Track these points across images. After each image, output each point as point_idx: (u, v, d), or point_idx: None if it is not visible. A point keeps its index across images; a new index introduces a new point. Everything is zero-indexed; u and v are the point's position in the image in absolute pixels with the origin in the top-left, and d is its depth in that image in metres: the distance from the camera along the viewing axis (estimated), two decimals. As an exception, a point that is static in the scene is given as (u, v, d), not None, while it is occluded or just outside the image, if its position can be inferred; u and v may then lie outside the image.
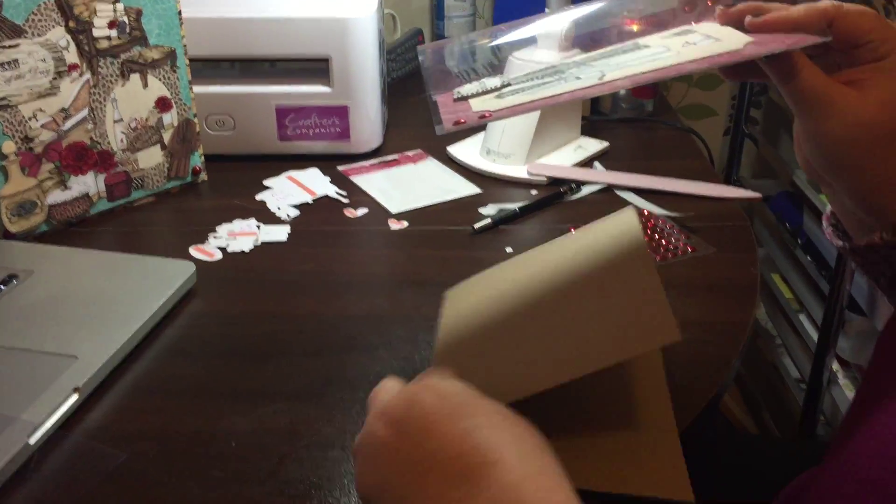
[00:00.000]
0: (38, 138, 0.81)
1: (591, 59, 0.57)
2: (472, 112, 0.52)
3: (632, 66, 0.53)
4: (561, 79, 0.54)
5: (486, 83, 0.56)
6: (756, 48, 0.51)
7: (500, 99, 0.53)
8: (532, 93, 0.53)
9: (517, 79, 0.56)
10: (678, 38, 0.57)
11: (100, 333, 0.65)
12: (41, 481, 0.53)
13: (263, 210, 0.91)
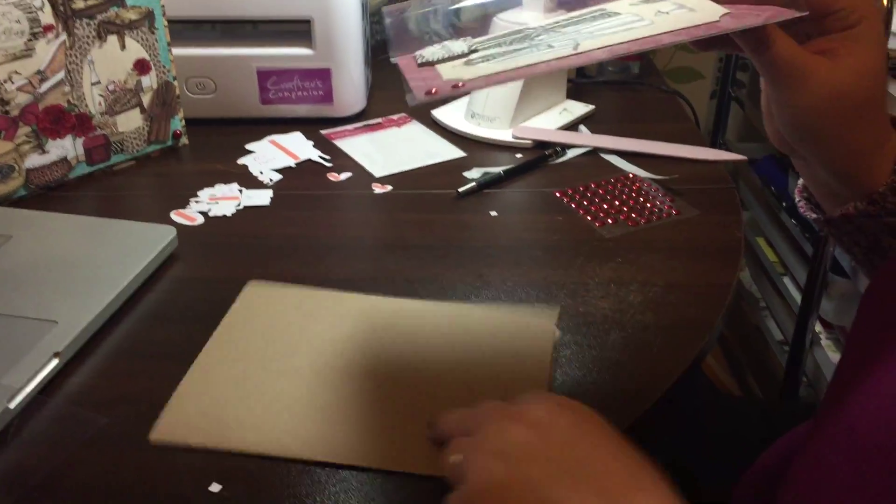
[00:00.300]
0: (13, 101, 0.80)
1: (558, 26, 0.56)
2: (443, 81, 0.50)
3: (607, 36, 0.52)
4: (531, 46, 0.53)
5: (450, 47, 0.55)
6: (732, 20, 0.50)
7: (470, 66, 0.52)
8: (504, 61, 0.51)
9: (484, 43, 0.54)
10: (649, 5, 0.56)
11: (80, 298, 0.64)
12: (21, 446, 0.53)
13: (246, 174, 0.90)
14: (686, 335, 0.64)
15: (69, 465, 0.52)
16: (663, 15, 0.53)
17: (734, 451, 0.79)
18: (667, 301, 0.68)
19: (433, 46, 0.55)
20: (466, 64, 0.52)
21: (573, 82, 1.15)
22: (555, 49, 0.51)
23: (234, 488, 0.50)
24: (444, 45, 0.55)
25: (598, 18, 0.55)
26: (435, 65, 0.53)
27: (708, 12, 0.51)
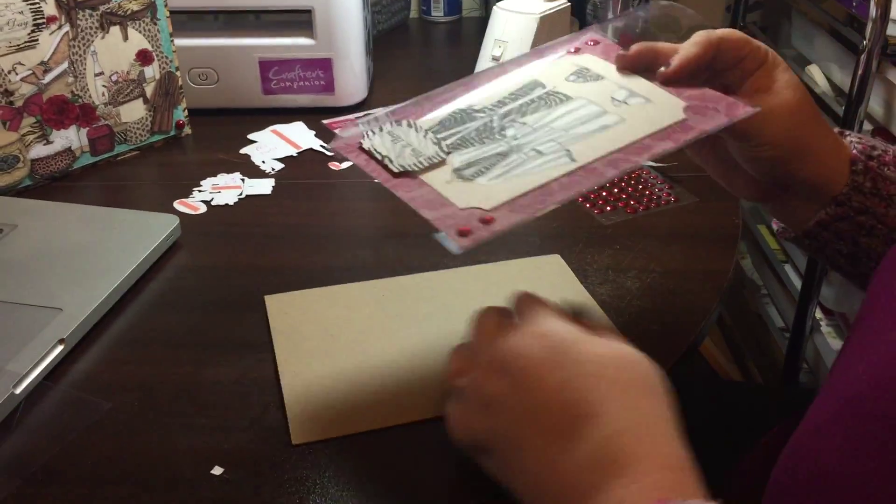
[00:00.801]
0: (17, 92, 0.81)
1: (513, 111, 0.57)
2: (472, 218, 0.49)
3: (591, 137, 0.53)
4: (512, 150, 0.53)
5: (416, 149, 0.54)
6: (699, 118, 0.54)
7: (468, 183, 0.51)
8: (510, 178, 0.51)
9: (444, 136, 0.54)
10: (594, 87, 0.58)
11: (84, 286, 0.65)
12: (27, 430, 0.54)
13: (248, 163, 0.91)
14: (683, 320, 0.64)
15: (74, 450, 0.53)
16: (623, 107, 0.56)
17: (734, 435, 0.79)
18: (665, 287, 0.68)
19: (384, 140, 0.55)
20: (460, 178, 0.52)
21: (574, 71, 1.15)
22: (548, 158, 0.52)
23: (235, 471, 0.51)
24: (399, 140, 0.55)
25: (552, 105, 0.57)
26: (414, 174, 0.52)
27: (668, 105, 0.55)
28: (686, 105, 0.55)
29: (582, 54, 0.62)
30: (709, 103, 0.55)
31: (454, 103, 0.59)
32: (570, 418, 0.41)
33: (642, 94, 0.56)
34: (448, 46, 1.35)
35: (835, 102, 1.14)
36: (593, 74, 0.59)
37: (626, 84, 0.58)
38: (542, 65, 0.61)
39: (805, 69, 1.26)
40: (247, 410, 0.56)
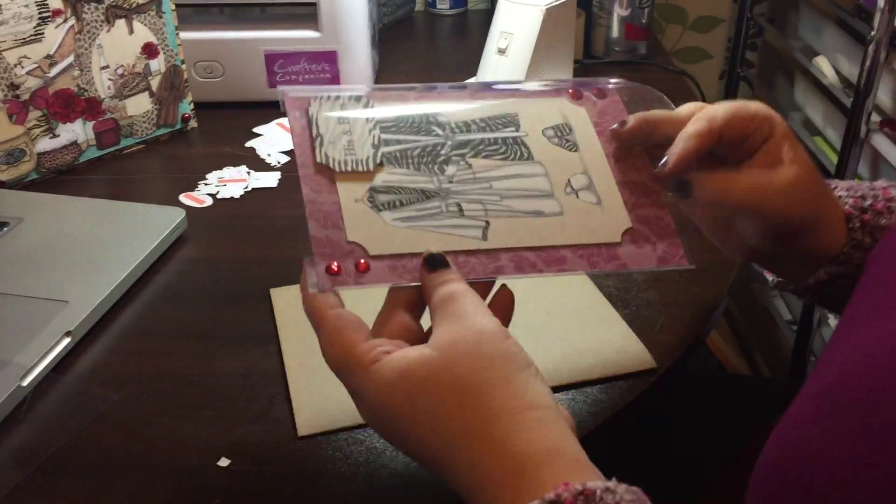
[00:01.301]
0: (24, 85, 0.81)
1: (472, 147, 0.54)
2: (349, 258, 0.47)
3: (516, 220, 0.52)
4: (440, 197, 0.51)
5: (356, 146, 0.52)
6: (631, 252, 0.52)
7: (374, 213, 0.50)
8: (411, 232, 0.49)
9: (391, 152, 0.53)
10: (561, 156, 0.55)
11: (91, 279, 0.65)
12: (35, 422, 0.54)
13: (253, 157, 0.91)
14: (690, 313, 0.64)
15: (81, 441, 0.53)
16: (571, 198, 0.53)
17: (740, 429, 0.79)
18: (671, 279, 0.68)
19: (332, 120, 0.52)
20: (370, 202, 0.50)
21: (580, 63, 1.15)
22: (463, 223, 0.50)
23: (241, 463, 0.51)
24: (347, 126, 0.53)
25: (510, 158, 0.54)
26: (336, 175, 0.50)
27: (613, 219, 0.53)
28: (630, 228, 0.53)
29: (579, 105, 0.58)
30: (654, 236, 0.53)
31: (424, 105, 0.56)
32: (427, 460, 0.41)
33: (598, 193, 0.54)
34: (453, 39, 1.35)
35: (842, 94, 1.14)
36: (571, 141, 0.56)
37: (592, 170, 0.55)
38: (533, 101, 0.58)
39: (812, 60, 1.25)
40: (253, 403, 0.56)
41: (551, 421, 0.41)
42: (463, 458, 0.40)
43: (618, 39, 1.19)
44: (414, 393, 0.41)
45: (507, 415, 0.40)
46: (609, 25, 1.18)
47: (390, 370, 0.41)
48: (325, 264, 0.46)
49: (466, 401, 0.40)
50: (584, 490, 0.36)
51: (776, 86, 1.56)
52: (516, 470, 0.39)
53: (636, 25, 1.18)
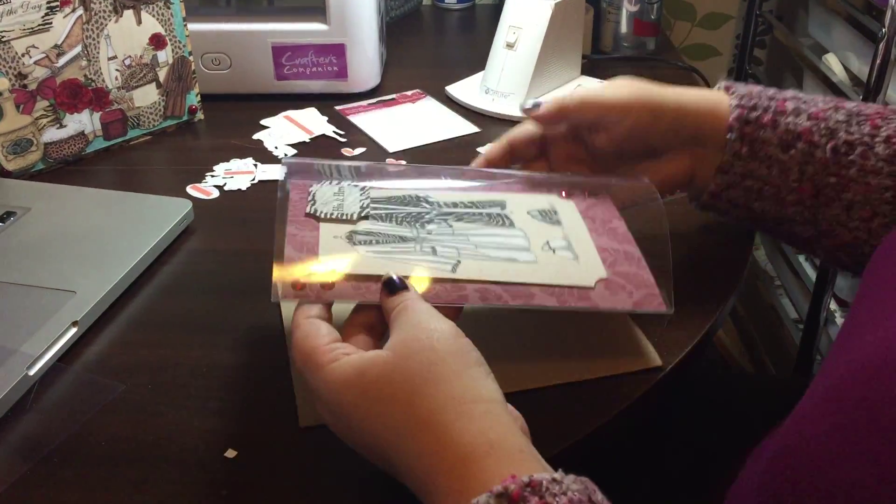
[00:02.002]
0: (31, 75, 0.81)
1: (452, 217, 0.57)
2: (313, 281, 0.50)
3: (487, 263, 0.53)
4: (416, 241, 0.54)
5: (344, 205, 0.56)
6: (605, 296, 0.53)
7: (349, 250, 0.52)
8: (379, 260, 0.52)
9: (378, 207, 0.57)
10: (542, 229, 0.58)
11: (97, 269, 0.65)
12: (41, 411, 0.54)
13: (260, 149, 0.91)
14: (698, 310, 0.64)
15: (87, 431, 0.53)
16: (548, 253, 0.56)
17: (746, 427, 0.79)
18: (679, 276, 0.68)
19: (328, 191, 0.57)
20: (348, 239, 0.53)
21: (588, 58, 1.15)
22: (434, 259, 0.53)
23: (248, 454, 0.51)
24: (341, 202, 0.57)
25: (491, 224, 0.57)
26: (320, 221, 0.55)
27: (588, 271, 0.55)
28: (605, 278, 0.54)
29: (568, 200, 0.62)
30: (630, 285, 0.54)
31: (418, 183, 0.60)
32: (379, 456, 0.44)
33: (576, 252, 0.56)
34: (461, 33, 1.35)
35: (852, 92, 1.13)
36: (556, 220, 0.59)
37: (572, 237, 0.58)
38: (522, 194, 0.62)
39: (822, 58, 1.24)
40: (260, 394, 0.56)
41: (497, 414, 0.42)
42: (411, 450, 0.41)
43: (626, 35, 1.19)
44: (367, 389, 0.43)
45: (453, 406, 0.41)
46: (618, 21, 1.18)
47: (346, 368, 0.43)
48: (294, 280, 0.50)
49: (416, 394, 0.42)
50: (531, 481, 0.36)
51: (785, 83, 1.56)
52: (461, 460, 0.40)
53: (645, 21, 1.17)
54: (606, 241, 0.58)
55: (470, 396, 0.42)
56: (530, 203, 0.61)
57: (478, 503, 0.36)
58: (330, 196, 0.57)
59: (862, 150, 0.59)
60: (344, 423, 0.44)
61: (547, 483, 0.37)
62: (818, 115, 0.61)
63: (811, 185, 0.60)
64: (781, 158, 0.61)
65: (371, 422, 0.43)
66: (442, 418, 0.41)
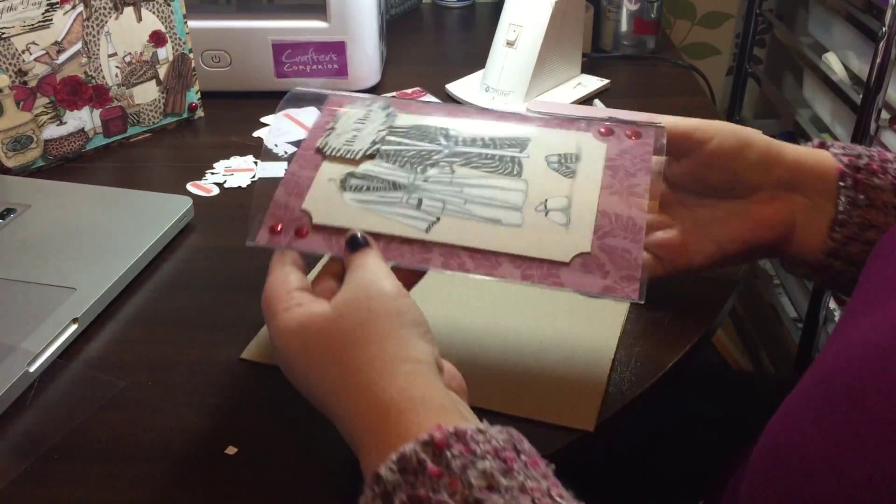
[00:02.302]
0: (31, 72, 0.81)
1: (467, 157, 0.55)
2: (294, 224, 0.52)
3: (466, 223, 0.52)
4: (407, 192, 0.53)
5: (359, 137, 0.56)
6: (577, 273, 0.51)
7: (337, 192, 0.53)
8: (360, 212, 0.52)
9: (389, 145, 0.55)
10: (550, 181, 0.54)
11: (98, 266, 0.65)
12: (41, 408, 0.54)
13: (260, 147, 0.91)
14: (698, 309, 0.64)
15: (87, 428, 0.53)
16: (539, 215, 0.53)
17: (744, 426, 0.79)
18: (678, 276, 0.68)
19: (353, 116, 0.57)
20: (341, 184, 0.53)
21: (588, 56, 1.15)
22: (415, 215, 0.52)
23: (249, 451, 0.51)
24: (362, 123, 0.57)
25: (496, 172, 0.55)
26: (325, 160, 0.55)
27: (570, 242, 0.51)
28: (586, 253, 0.51)
29: (602, 141, 0.56)
30: (610, 265, 0.51)
31: (442, 119, 0.58)
32: (318, 404, 0.45)
33: (570, 216, 0.52)
34: (461, 31, 1.35)
35: (852, 91, 1.13)
36: (571, 169, 0.55)
37: (576, 196, 0.53)
38: (553, 131, 0.57)
39: (822, 57, 1.25)
40: (260, 391, 0.56)
41: (423, 373, 0.43)
42: (340, 405, 0.43)
43: (626, 33, 1.19)
44: (307, 343, 0.45)
45: (377, 365, 0.43)
46: (618, 19, 1.18)
47: (293, 320, 0.46)
48: (272, 224, 0.52)
49: (346, 352, 0.44)
50: (456, 430, 0.38)
51: (784, 82, 1.56)
52: (381, 416, 0.41)
53: (645, 19, 1.17)
54: (615, 202, 0.53)
55: (396, 356, 0.43)
56: (554, 144, 0.56)
57: (404, 452, 0.37)
58: (350, 124, 0.57)
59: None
60: (291, 372, 0.46)
61: (472, 432, 0.38)
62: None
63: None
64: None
65: (311, 374, 0.45)
66: (366, 377, 0.43)
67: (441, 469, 0.37)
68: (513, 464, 0.38)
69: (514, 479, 0.37)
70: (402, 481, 0.37)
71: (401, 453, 0.37)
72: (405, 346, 0.44)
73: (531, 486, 0.37)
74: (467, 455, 0.37)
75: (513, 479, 0.37)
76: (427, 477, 0.36)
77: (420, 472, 0.37)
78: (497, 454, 0.38)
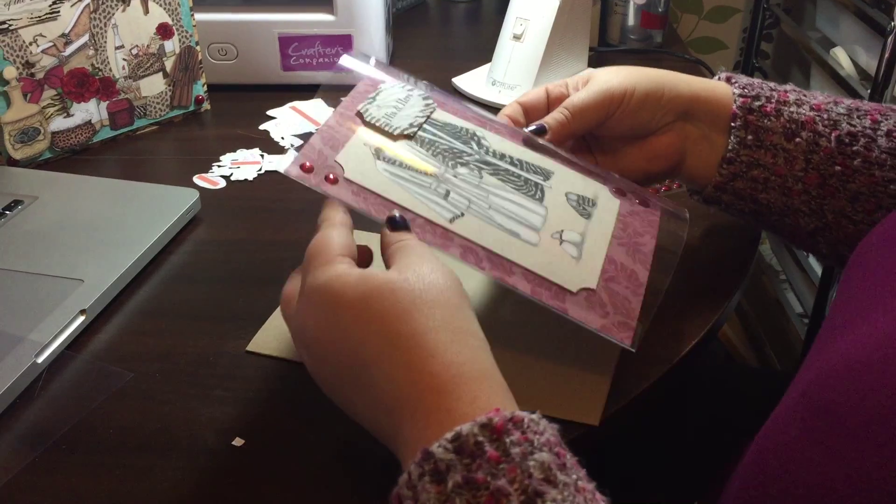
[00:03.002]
0: (39, 64, 0.81)
1: (489, 169, 0.56)
2: (326, 169, 0.52)
3: (488, 229, 0.52)
4: (437, 181, 0.54)
5: (398, 115, 0.56)
6: (581, 307, 0.52)
7: (371, 158, 0.53)
8: (392, 184, 0.52)
9: (425, 132, 0.56)
10: (569, 214, 0.56)
11: (105, 258, 0.65)
12: (49, 399, 0.54)
13: (267, 139, 0.91)
14: (705, 303, 0.64)
15: (95, 419, 0.53)
16: (554, 241, 0.54)
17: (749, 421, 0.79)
18: (686, 269, 0.68)
19: (394, 94, 0.58)
20: (375, 153, 0.54)
21: (595, 51, 1.14)
22: (441, 204, 0.53)
23: (256, 443, 0.51)
24: (402, 104, 0.57)
25: (521, 191, 0.56)
26: (363, 124, 0.55)
27: (579, 275, 0.53)
28: (591, 288, 0.52)
29: (616, 198, 0.59)
30: (611, 307, 0.52)
31: (475, 127, 0.59)
32: (351, 369, 0.42)
33: (582, 252, 0.54)
34: (468, 25, 1.35)
35: (860, 86, 1.13)
36: (587, 211, 0.57)
37: (589, 237, 0.55)
38: (575, 172, 0.60)
39: (830, 52, 1.24)
40: (266, 383, 0.56)
41: (488, 352, 0.43)
42: (395, 362, 0.41)
43: (633, 27, 1.18)
44: (368, 295, 0.42)
45: (451, 331, 0.41)
46: (625, 13, 1.17)
47: (353, 271, 0.44)
48: (303, 162, 0.52)
49: (414, 310, 0.42)
50: (514, 416, 0.37)
51: (792, 77, 1.55)
52: (453, 378, 0.40)
53: (652, 13, 1.17)
54: (622, 254, 0.56)
55: (468, 329, 0.43)
56: (575, 184, 0.59)
57: (461, 431, 0.36)
58: (391, 100, 0.57)
59: (865, 142, 0.59)
60: (323, 333, 0.43)
61: (528, 420, 0.37)
62: (820, 106, 0.61)
63: (817, 174, 0.60)
64: (787, 147, 0.60)
65: (357, 330, 0.42)
66: (438, 336, 0.41)
67: (500, 454, 0.35)
68: (565, 459, 0.37)
69: (568, 475, 0.36)
70: (458, 462, 0.35)
71: (457, 432, 0.36)
72: (472, 323, 0.43)
73: (583, 486, 0.36)
74: (525, 444, 0.36)
75: (567, 475, 0.36)
76: (485, 460, 0.35)
77: (478, 454, 0.35)
78: (551, 448, 0.36)
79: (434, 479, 0.35)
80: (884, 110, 0.61)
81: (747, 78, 0.64)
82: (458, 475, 0.34)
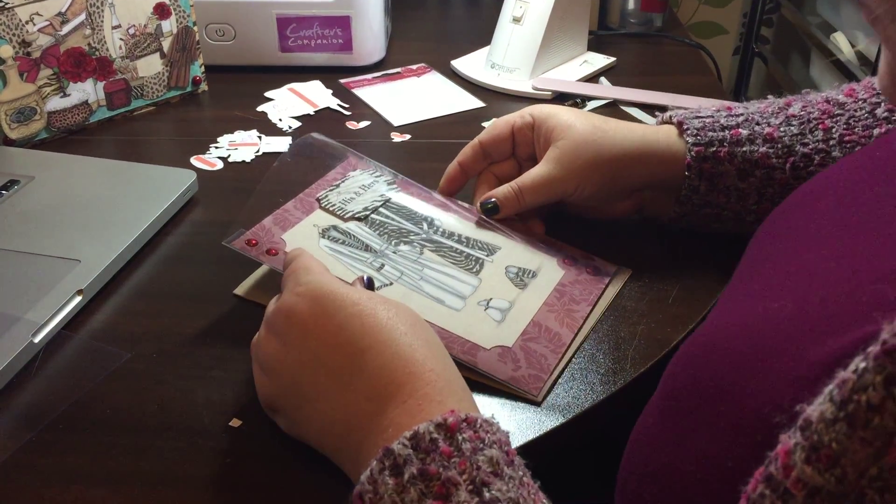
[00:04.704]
0: (35, 43, 0.80)
1: (438, 248, 0.62)
2: (267, 243, 0.59)
3: (414, 296, 0.57)
4: (377, 255, 0.60)
5: (356, 199, 0.64)
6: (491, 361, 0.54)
7: (309, 241, 0.60)
8: (330, 261, 0.58)
9: (385, 210, 0.64)
10: (505, 285, 0.60)
11: (102, 238, 0.65)
12: (46, 379, 0.54)
13: (265, 121, 0.90)
14: (701, 288, 0.64)
15: (92, 398, 0.53)
16: (479, 308, 0.58)
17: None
18: (682, 254, 0.68)
19: (359, 181, 0.66)
20: (323, 232, 0.61)
21: (594, 34, 1.14)
22: (373, 274, 0.58)
23: (253, 423, 0.51)
24: (364, 190, 0.65)
25: (458, 265, 0.61)
26: (319, 208, 0.64)
27: (496, 336, 0.56)
28: (506, 346, 0.55)
29: (562, 268, 0.63)
30: (525, 363, 0.54)
31: (433, 209, 0.66)
32: (346, 356, 0.45)
33: (508, 316, 0.58)
34: (467, 7, 1.34)
35: (860, 71, 1.12)
36: (524, 283, 0.61)
37: (518, 305, 0.59)
38: (523, 247, 0.64)
39: (830, 37, 1.24)
40: (264, 364, 0.56)
41: (453, 366, 0.47)
42: (381, 353, 0.44)
43: (633, 10, 1.18)
44: (362, 305, 0.46)
45: (424, 342, 0.46)
46: (625, -4, 1.17)
47: (343, 284, 0.48)
48: (249, 238, 0.59)
49: (401, 321, 0.46)
50: (468, 417, 0.41)
51: (791, 62, 1.55)
52: (424, 382, 0.44)
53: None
54: (550, 320, 0.58)
55: (435, 342, 0.47)
56: (519, 258, 0.63)
57: (418, 430, 0.40)
58: (355, 187, 0.65)
59: (821, 158, 0.61)
60: (316, 321, 0.46)
61: (482, 421, 0.41)
62: (772, 135, 0.62)
63: (770, 204, 0.61)
64: (740, 186, 0.63)
65: (355, 327, 0.45)
66: (425, 349, 0.45)
67: (452, 450, 0.39)
68: (514, 457, 0.41)
69: (515, 471, 0.40)
70: (415, 456, 0.39)
71: (415, 431, 0.40)
72: (440, 347, 0.47)
73: (527, 482, 0.40)
74: (476, 441, 0.40)
75: (514, 470, 0.40)
76: (438, 454, 0.39)
77: (432, 449, 0.39)
78: (501, 446, 0.40)
79: (392, 473, 0.39)
80: (832, 110, 0.63)
81: (698, 119, 0.65)
82: (414, 468, 0.38)
